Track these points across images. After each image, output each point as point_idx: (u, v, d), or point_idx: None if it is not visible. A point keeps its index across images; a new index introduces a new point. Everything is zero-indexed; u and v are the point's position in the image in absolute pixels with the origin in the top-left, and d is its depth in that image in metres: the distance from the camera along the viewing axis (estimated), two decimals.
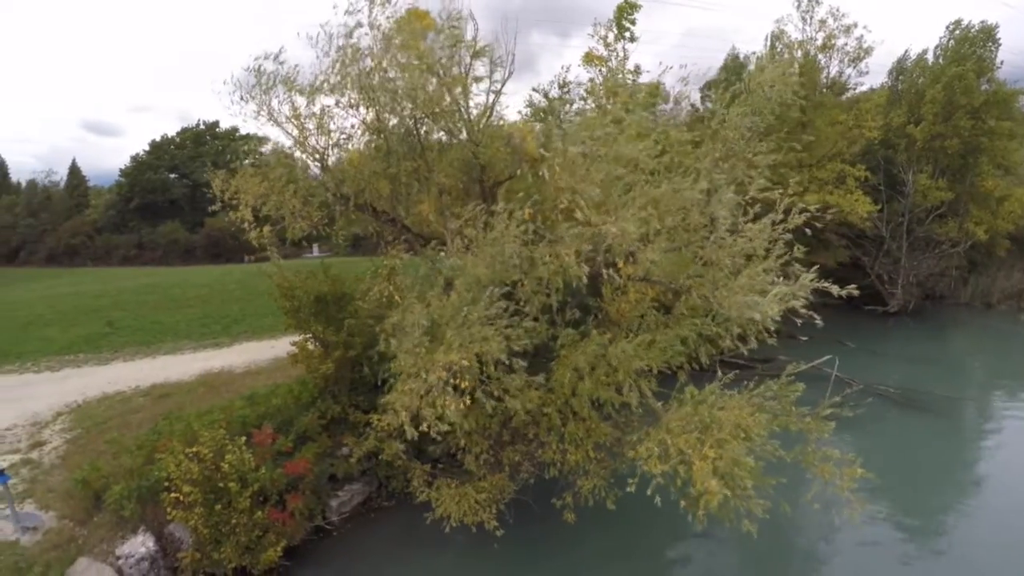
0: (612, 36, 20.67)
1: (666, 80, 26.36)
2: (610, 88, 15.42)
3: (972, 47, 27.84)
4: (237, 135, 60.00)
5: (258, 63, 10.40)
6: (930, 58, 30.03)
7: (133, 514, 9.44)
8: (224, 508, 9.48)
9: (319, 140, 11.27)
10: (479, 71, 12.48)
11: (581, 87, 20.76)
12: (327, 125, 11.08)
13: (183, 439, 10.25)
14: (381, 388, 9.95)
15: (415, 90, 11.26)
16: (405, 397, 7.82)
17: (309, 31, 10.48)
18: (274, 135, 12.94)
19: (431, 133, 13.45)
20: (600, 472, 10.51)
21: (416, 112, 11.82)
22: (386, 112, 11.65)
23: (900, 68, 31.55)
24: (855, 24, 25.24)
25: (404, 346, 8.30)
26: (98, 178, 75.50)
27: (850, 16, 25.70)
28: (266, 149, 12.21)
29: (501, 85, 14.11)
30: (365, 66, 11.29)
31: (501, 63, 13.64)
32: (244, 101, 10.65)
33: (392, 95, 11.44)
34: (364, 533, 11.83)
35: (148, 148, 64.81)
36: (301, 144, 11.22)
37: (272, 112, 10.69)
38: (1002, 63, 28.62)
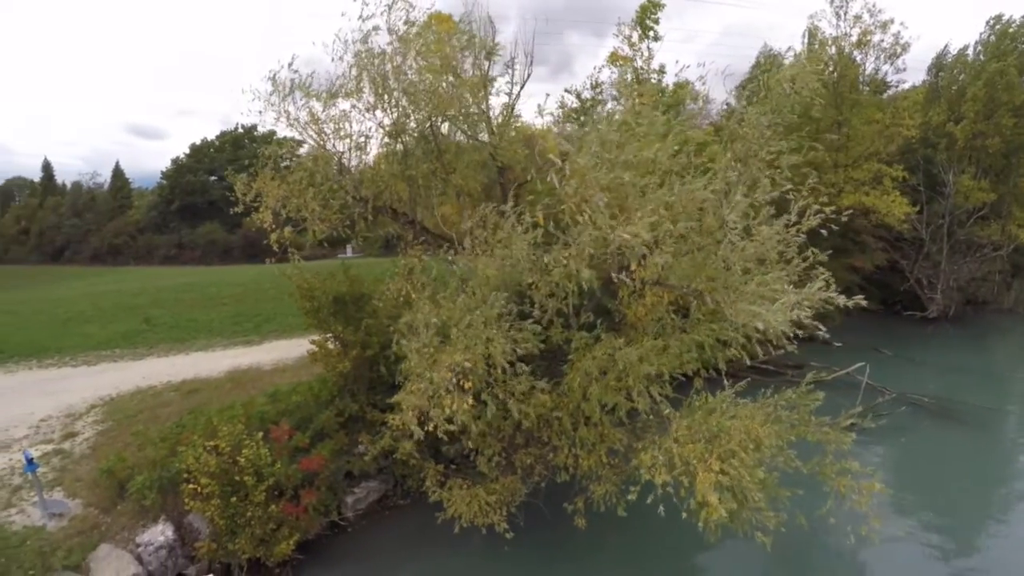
0: (636, 36, 20.54)
1: (694, 78, 25.98)
2: (627, 89, 15.24)
3: (1014, 42, 26.62)
4: (274, 138, 61.66)
5: (273, 72, 10.68)
6: (970, 54, 28.80)
7: (154, 504, 9.79)
8: (240, 501, 9.75)
9: (337, 144, 11.47)
10: (496, 72, 12.58)
11: (613, 87, 20.68)
12: (345, 129, 11.26)
13: (203, 433, 10.59)
14: (398, 387, 10.09)
15: (434, 90, 11.38)
16: (412, 397, 7.90)
17: (327, 39, 10.72)
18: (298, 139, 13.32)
19: (449, 135, 13.58)
20: (612, 478, 10.39)
21: (434, 113, 11.95)
22: (403, 115, 11.81)
23: (939, 64, 30.31)
24: (891, 20, 24.39)
25: (412, 346, 8.38)
26: (141, 180, 78.67)
27: (886, 12, 24.88)
28: (303, 151, 12.51)
29: (520, 87, 14.17)
30: (384, 70, 11.48)
31: (520, 64, 13.76)
32: (262, 111, 10.95)
33: (412, 96, 11.59)
34: (378, 530, 12.00)
35: (188, 151, 67.25)
36: (321, 147, 11.45)
37: (290, 118, 10.95)
38: None
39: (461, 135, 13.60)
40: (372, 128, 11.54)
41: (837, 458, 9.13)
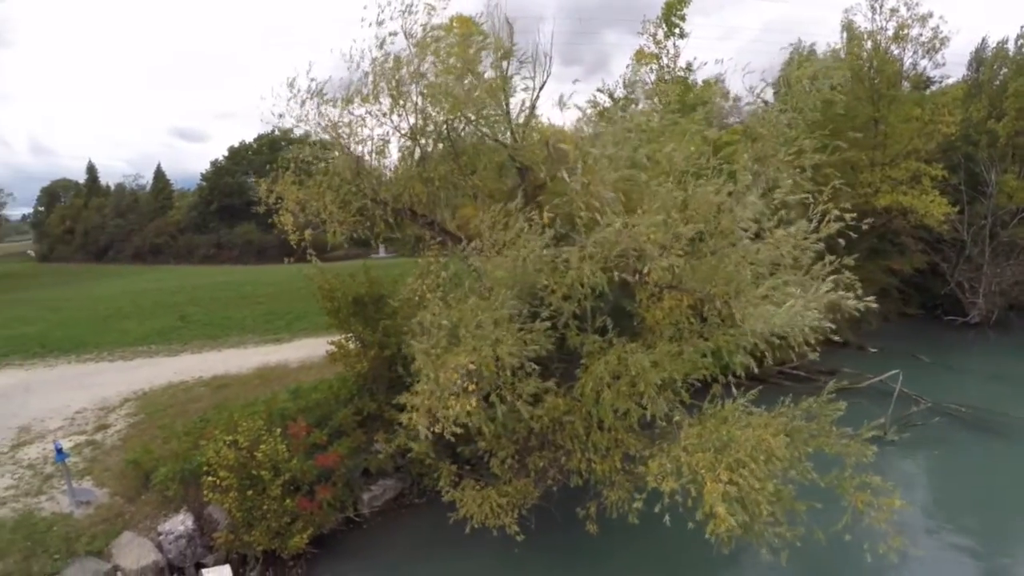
0: (662, 33, 20.27)
1: (722, 75, 25.51)
2: (649, 90, 15.05)
3: None
4: (307, 140, 63.06)
5: (291, 78, 10.92)
6: (1011, 48, 27.29)
7: (176, 494, 10.17)
8: (256, 494, 10.03)
9: (355, 147, 11.65)
10: (513, 72, 12.52)
11: (637, 87, 20.41)
12: (361, 133, 11.42)
13: (224, 428, 10.92)
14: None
15: (453, 92, 11.43)
16: (417, 398, 7.97)
17: (345, 45, 10.91)
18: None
19: (468, 138, 13.61)
20: (626, 485, 10.24)
21: (451, 115, 12.00)
22: (421, 118, 11.90)
23: (979, 59, 28.83)
24: (930, 13, 23.36)
25: (419, 347, 8.46)
26: (184, 181, 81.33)
27: (924, 4, 23.82)
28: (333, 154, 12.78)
29: (539, 90, 14.13)
30: (402, 75, 11.59)
31: (540, 66, 13.69)
32: (283, 114, 11.20)
33: (431, 99, 11.67)
34: (393, 527, 12.16)
35: (227, 153, 69.29)
36: (339, 151, 11.64)
37: (308, 122, 11.18)
38: None
39: (480, 137, 13.63)
40: (389, 132, 11.66)
41: (858, 471, 8.74)
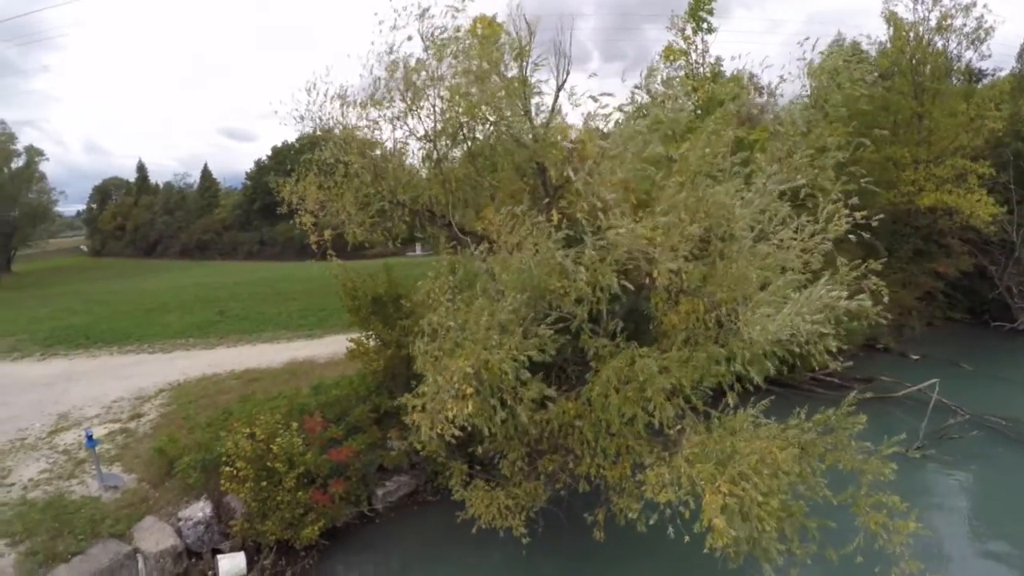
0: (690, 29, 19.88)
1: (762, 70, 24.68)
2: (679, 86, 14.74)
3: None
4: (330, 142, 64.63)
5: (308, 84, 11.21)
6: None
7: (197, 483, 10.64)
8: (271, 485, 10.40)
9: (372, 150, 11.88)
10: (530, 72, 12.49)
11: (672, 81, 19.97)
12: (377, 137, 11.65)
13: (245, 420, 11.34)
14: None
15: (471, 94, 11.50)
16: (416, 399, 8.09)
17: (362, 50, 11.14)
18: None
19: (488, 138, 13.67)
20: (635, 492, 10.11)
21: (467, 115, 12.08)
22: (438, 120, 12.02)
23: None
24: (974, 2, 22.06)
25: (421, 349, 8.58)
26: (233, 180, 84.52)
27: None
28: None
29: (558, 90, 14.05)
30: (421, 78, 11.74)
31: (559, 67, 13.62)
32: (303, 116, 11.52)
33: (448, 101, 11.79)
34: (405, 523, 12.37)
35: (270, 153, 71.52)
36: (358, 153, 11.87)
37: (325, 125, 11.46)
38: None
39: (499, 137, 13.67)
40: (405, 134, 11.84)
41: (877, 488, 8.24)
